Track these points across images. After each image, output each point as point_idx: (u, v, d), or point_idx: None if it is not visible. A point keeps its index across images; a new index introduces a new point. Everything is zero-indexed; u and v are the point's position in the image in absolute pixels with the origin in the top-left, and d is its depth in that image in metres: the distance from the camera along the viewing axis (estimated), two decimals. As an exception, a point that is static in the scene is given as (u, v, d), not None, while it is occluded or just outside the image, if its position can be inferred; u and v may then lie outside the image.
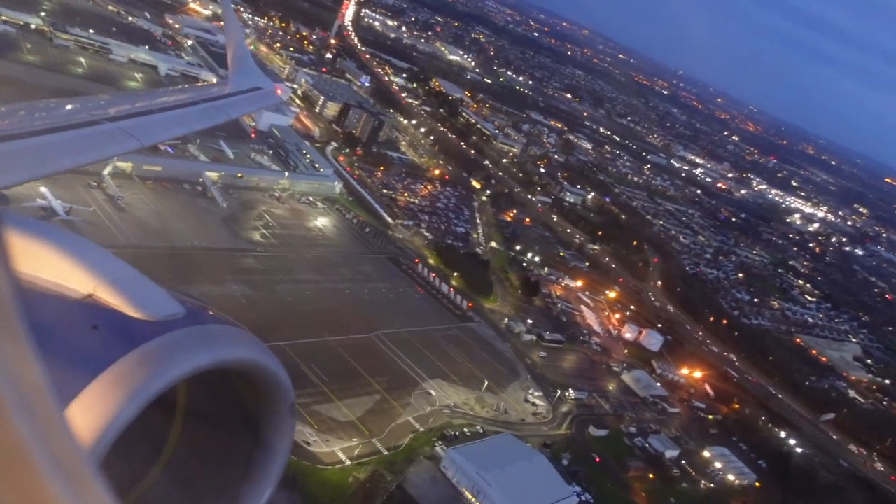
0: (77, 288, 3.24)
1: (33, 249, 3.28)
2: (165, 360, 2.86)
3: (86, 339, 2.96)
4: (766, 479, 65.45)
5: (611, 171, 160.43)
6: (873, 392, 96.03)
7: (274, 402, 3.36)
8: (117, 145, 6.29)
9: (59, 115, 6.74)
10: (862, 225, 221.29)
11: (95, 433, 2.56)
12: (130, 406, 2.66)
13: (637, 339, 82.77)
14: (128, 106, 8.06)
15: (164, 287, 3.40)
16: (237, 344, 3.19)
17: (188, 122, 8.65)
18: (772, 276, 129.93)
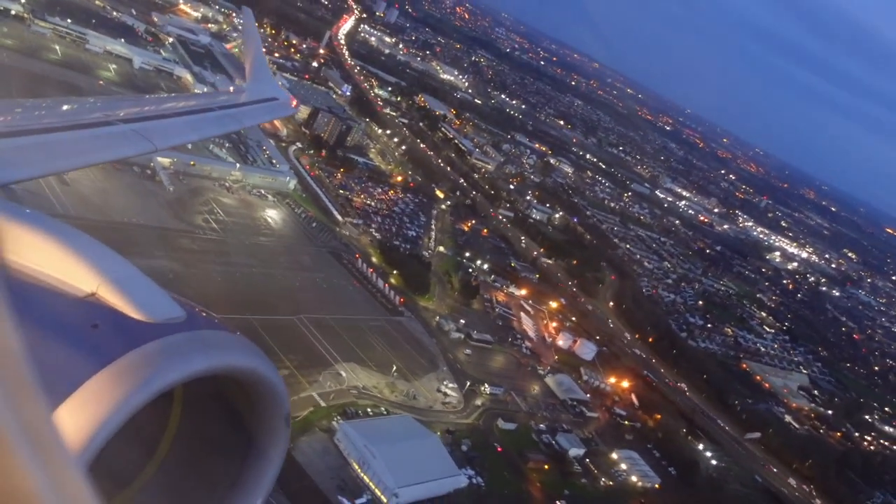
0: (80, 286, 3.29)
1: (40, 244, 3.34)
2: (163, 363, 2.91)
3: (85, 338, 3.00)
4: (671, 484, 68.09)
5: (587, 194, 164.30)
6: (811, 420, 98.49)
7: (269, 411, 3.41)
8: (130, 147, 6.31)
9: (75, 113, 6.83)
10: (847, 269, 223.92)
11: (88, 431, 2.61)
12: (125, 407, 2.71)
13: (571, 348, 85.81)
14: (143, 109, 8.30)
15: (166, 290, 3.51)
16: (236, 351, 3.25)
17: (202, 129, 8.87)
18: (734, 305, 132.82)
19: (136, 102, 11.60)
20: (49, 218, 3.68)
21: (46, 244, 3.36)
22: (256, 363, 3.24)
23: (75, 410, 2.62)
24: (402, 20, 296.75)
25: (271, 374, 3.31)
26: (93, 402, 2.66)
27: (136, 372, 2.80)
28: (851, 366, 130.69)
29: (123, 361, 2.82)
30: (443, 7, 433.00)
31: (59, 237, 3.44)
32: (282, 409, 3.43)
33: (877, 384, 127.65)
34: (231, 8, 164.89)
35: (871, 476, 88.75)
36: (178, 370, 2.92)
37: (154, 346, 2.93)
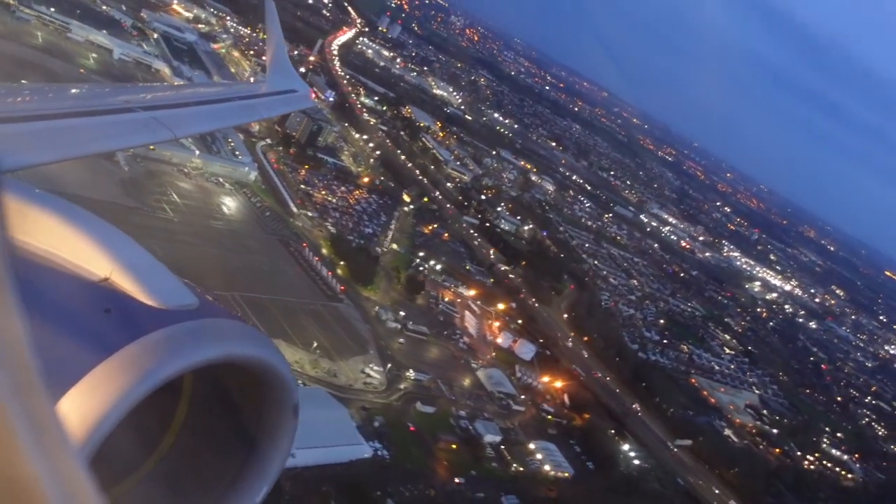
0: (95, 270, 3.32)
1: (55, 227, 3.39)
2: (174, 350, 2.95)
3: (98, 323, 3.04)
4: (585, 477, 70.88)
5: (565, 212, 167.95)
6: (753, 436, 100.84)
7: (278, 402, 3.46)
8: (149, 134, 6.45)
9: (95, 100, 6.94)
10: (832, 304, 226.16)
11: (94, 419, 2.65)
12: (133, 394, 2.75)
13: (511, 347, 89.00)
14: (163, 97, 8.47)
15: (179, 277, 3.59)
16: (247, 340, 3.29)
17: (222, 118, 8.98)
18: (697, 326, 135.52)
19: (157, 91, 12.24)
20: (64, 201, 3.72)
21: (62, 227, 3.43)
22: (267, 353, 3.33)
23: (82, 397, 2.69)
24: (405, 37, 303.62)
25: (281, 364, 3.40)
26: (100, 389, 2.73)
27: (145, 358, 2.87)
28: (811, 392, 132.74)
29: (135, 347, 2.90)
30: (452, 28, 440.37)
31: (75, 221, 3.50)
32: (290, 400, 3.51)
33: (834, 411, 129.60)
34: (225, 11, 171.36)
35: (803, 491, 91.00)
36: (189, 357, 3.00)
37: (165, 333, 3.02)
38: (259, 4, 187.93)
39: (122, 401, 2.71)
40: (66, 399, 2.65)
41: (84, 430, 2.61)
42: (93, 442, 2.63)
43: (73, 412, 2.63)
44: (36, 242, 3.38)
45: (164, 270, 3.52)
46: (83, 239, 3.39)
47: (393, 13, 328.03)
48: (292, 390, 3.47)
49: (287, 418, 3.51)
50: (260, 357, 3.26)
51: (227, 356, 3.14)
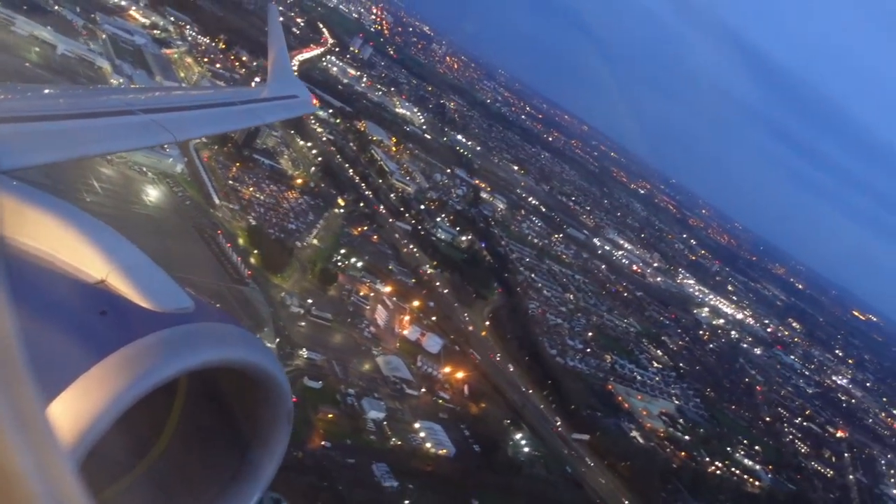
0: (91, 272, 3.38)
1: (52, 227, 3.46)
2: (169, 353, 2.99)
3: (93, 324, 3.09)
4: (468, 458, 74.87)
5: (512, 229, 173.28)
6: (661, 439, 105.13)
7: (272, 407, 3.52)
8: (150, 137, 6.58)
9: (95, 101, 6.98)
10: (785, 336, 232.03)
11: (87, 421, 2.67)
12: (128, 395, 2.79)
13: (419, 340, 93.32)
14: (165, 100, 8.64)
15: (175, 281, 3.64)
16: (243, 345, 3.34)
17: (223, 122, 9.19)
18: (628, 341, 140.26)
19: (159, 94, 12.51)
20: (62, 202, 3.79)
21: (59, 228, 3.48)
22: (263, 358, 3.37)
23: (76, 399, 2.72)
24: (377, 59, 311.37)
25: (276, 370, 3.45)
26: (94, 391, 2.75)
27: (141, 361, 2.91)
28: (737, 409, 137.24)
29: (130, 349, 2.93)
30: (432, 55, 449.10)
31: (72, 221, 3.55)
32: (285, 406, 3.55)
33: (758, 428, 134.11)
34: (185, 20, 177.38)
35: (701, 491, 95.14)
36: (184, 361, 3.04)
37: (162, 336, 3.06)
38: (223, 17, 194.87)
39: (116, 404, 2.76)
40: (59, 400, 2.69)
41: (76, 431, 2.65)
42: (85, 444, 2.67)
43: (66, 414, 2.66)
44: (33, 243, 3.46)
45: (160, 273, 3.62)
46: (80, 240, 3.47)
47: (369, 36, 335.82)
48: (286, 396, 3.54)
49: (281, 424, 3.58)
50: (255, 362, 3.33)
51: (222, 360, 3.20)
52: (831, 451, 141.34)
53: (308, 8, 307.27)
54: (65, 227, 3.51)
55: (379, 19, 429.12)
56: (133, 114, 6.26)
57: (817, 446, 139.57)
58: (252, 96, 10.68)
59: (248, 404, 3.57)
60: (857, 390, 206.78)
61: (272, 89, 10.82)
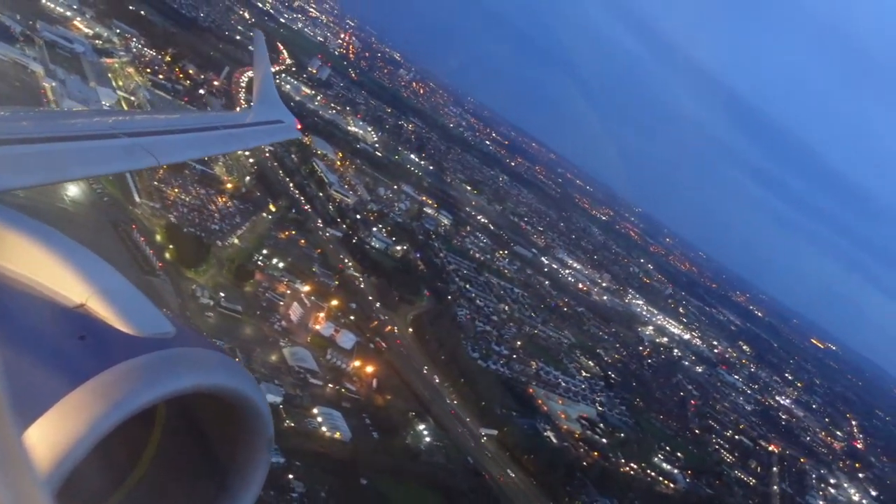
0: (71, 296, 3.41)
1: (31, 250, 3.50)
2: (148, 379, 3.01)
3: (72, 349, 3.10)
4: (364, 442, 78.13)
5: (453, 242, 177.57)
6: (576, 440, 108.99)
7: (252, 434, 3.54)
8: (133, 161, 6.63)
9: (78, 124, 7.05)
10: (733, 357, 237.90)
11: (64, 447, 2.67)
12: (105, 422, 2.79)
13: (332, 336, 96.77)
14: (149, 123, 8.86)
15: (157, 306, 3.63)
16: (223, 371, 3.35)
17: (206, 146, 9.43)
18: (560, 351, 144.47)
19: (143, 117, 12.74)
20: (42, 225, 3.84)
21: (38, 251, 3.50)
22: (243, 385, 3.39)
23: (52, 425, 2.72)
24: (336, 79, 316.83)
25: (257, 396, 3.47)
26: (72, 417, 2.76)
27: (119, 386, 2.91)
28: (665, 419, 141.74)
29: (107, 376, 2.93)
30: (398, 80, 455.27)
31: (51, 245, 3.58)
32: (265, 433, 3.57)
33: (684, 437, 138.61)
34: (132, 33, 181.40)
35: (611, 488, 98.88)
36: (163, 387, 3.04)
37: (141, 361, 3.07)
38: (175, 33, 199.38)
39: (93, 430, 2.77)
40: (35, 426, 2.69)
41: (52, 458, 2.64)
42: (61, 471, 2.66)
43: (42, 440, 2.67)
44: (11, 266, 3.53)
45: (141, 297, 3.70)
46: (59, 263, 3.53)
47: (331, 59, 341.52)
48: (267, 424, 3.59)
49: (261, 451, 3.63)
50: (235, 388, 3.37)
51: (202, 386, 3.23)
52: (758, 463, 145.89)
53: (271, 30, 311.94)
54: (44, 250, 3.55)
55: (345, 44, 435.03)
56: (117, 137, 6.41)
57: (745, 457, 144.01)
58: (236, 121, 11.11)
59: (227, 431, 3.59)
60: (799, 410, 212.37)
61: (257, 114, 11.23)
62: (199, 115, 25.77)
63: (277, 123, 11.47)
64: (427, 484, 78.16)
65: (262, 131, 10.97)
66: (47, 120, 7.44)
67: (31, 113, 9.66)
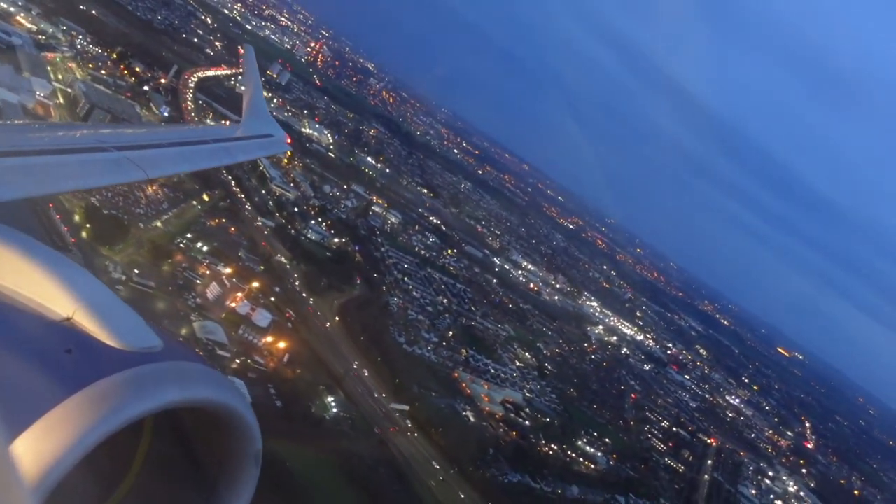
0: (57, 309, 3.52)
1: (18, 264, 3.60)
2: (135, 393, 3.07)
3: (58, 363, 3.18)
4: (265, 409, 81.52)
5: (398, 240, 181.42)
6: (497, 420, 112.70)
7: (239, 448, 3.67)
8: (121, 174, 6.73)
9: (67, 138, 7.32)
10: (687, 359, 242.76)
11: (50, 460, 2.71)
12: (91, 436, 2.84)
13: (248, 315, 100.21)
14: (138, 137, 9.06)
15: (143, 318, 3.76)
16: (211, 384, 3.46)
17: (195, 160, 9.72)
18: (497, 342, 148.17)
19: (132, 131, 12.98)
20: (28, 238, 3.99)
21: (24, 265, 3.62)
22: (230, 398, 3.52)
23: (39, 437, 2.77)
24: (298, 84, 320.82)
25: (245, 410, 3.61)
26: (58, 430, 2.80)
27: (106, 400, 2.97)
28: (599, 408, 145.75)
29: (94, 389, 3.00)
30: (368, 89, 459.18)
31: (38, 258, 3.70)
32: (253, 447, 3.70)
33: (616, 426, 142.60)
34: (79, 31, 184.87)
35: (525, 464, 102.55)
36: (150, 401, 3.12)
37: (127, 375, 3.14)
38: (127, 34, 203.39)
39: (80, 443, 2.83)
40: (21, 439, 2.73)
41: (39, 471, 2.69)
42: (47, 483, 2.70)
43: (28, 452, 2.71)
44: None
45: (128, 311, 3.84)
46: (46, 277, 3.63)
47: (295, 65, 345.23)
48: (255, 438, 3.75)
49: (248, 466, 3.75)
50: (222, 402, 3.50)
51: (189, 400, 3.33)
52: (692, 453, 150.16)
53: (235, 36, 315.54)
54: (31, 263, 3.68)
55: (314, 52, 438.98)
56: (106, 150, 6.45)
57: (678, 448, 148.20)
58: (226, 135, 11.44)
59: (215, 443, 3.72)
60: (749, 410, 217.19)
61: (246, 128, 11.51)
62: (188, 129, 26.76)
63: (267, 137, 11.98)
64: (327, 450, 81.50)
65: (252, 145, 11.32)
66: (37, 133, 7.59)
67: (21, 126, 9.92)
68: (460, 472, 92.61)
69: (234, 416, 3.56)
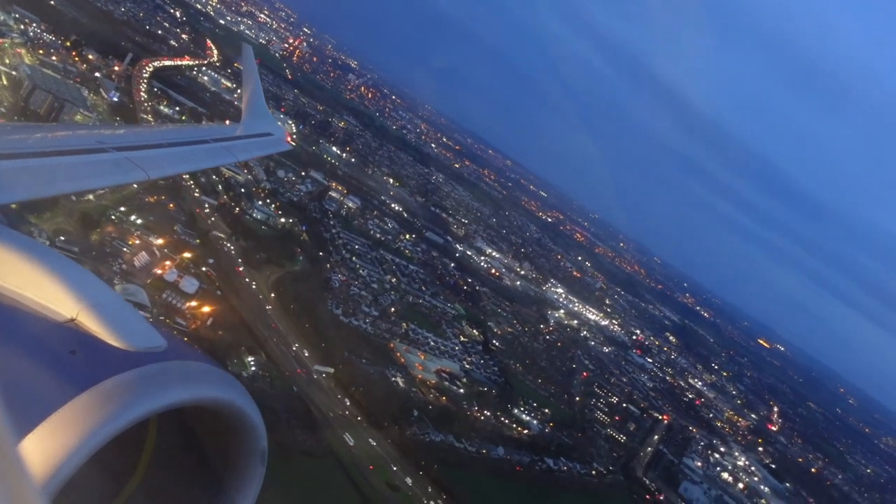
0: (60, 310, 3.62)
1: (21, 266, 3.69)
2: (140, 393, 3.16)
3: (63, 364, 3.26)
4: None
5: (354, 223, 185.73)
6: (428, 387, 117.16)
7: (245, 447, 3.79)
8: (121, 175, 6.94)
9: (67, 139, 7.30)
10: (653, 344, 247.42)
11: (57, 460, 2.80)
12: (97, 436, 2.93)
13: (175, 282, 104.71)
14: (138, 137, 9.26)
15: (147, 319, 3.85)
16: (216, 383, 3.57)
17: (196, 160, 10.00)
18: (443, 319, 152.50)
19: (132, 132, 13.19)
20: (31, 240, 4.12)
21: (28, 267, 3.71)
22: (236, 397, 3.62)
23: (45, 438, 2.85)
24: (268, 77, 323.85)
25: (250, 409, 3.71)
26: (64, 431, 2.88)
27: (111, 400, 3.05)
28: (544, 383, 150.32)
29: (100, 389, 3.09)
30: (346, 84, 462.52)
31: (41, 260, 3.80)
32: (258, 446, 3.80)
33: (560, 399, 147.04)
34: (34, 19, 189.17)
35: (450, 425, 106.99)
36: (156, 400, 3.22)
37: (132, 375, 3.25)
38: (85, 24, 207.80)
39: (86, 443, 2.91)
40: (27, 440, 2.83)
41: (46, 471, 2.78)
42: (54, 484, 2.80)
43: (34, 453, 2.80)
44: (1, 282, 3.73)
45: (132, 311, 3.97)
46: (49, 279, 3.73)
47: (271, 60, 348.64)
48: (260, 436, 3.85)
49: (254, 464, 3.88)
50: (228, 401, 3.60)
51: (194, 399, 3.44)
52: (639, 427, 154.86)
53: (206, 30, 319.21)
54: (34, 265, 3.78)
55: (292, 48, 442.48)
56: (106, 151, 6.68)
57: (624, 421, 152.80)
58: (226, 134, 11.57)
59: (221, 443, 3.83)
60: (712, 393, 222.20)
61: (246, 127, 11.82)
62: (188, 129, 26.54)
63: (267, 136, 12.36)
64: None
65: (252, 144, 11.63)
66: (37, 135, 7.66)
67: (20, 127, 10.35)
68: (378, 428, 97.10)
69: (239, 414, 3.69)
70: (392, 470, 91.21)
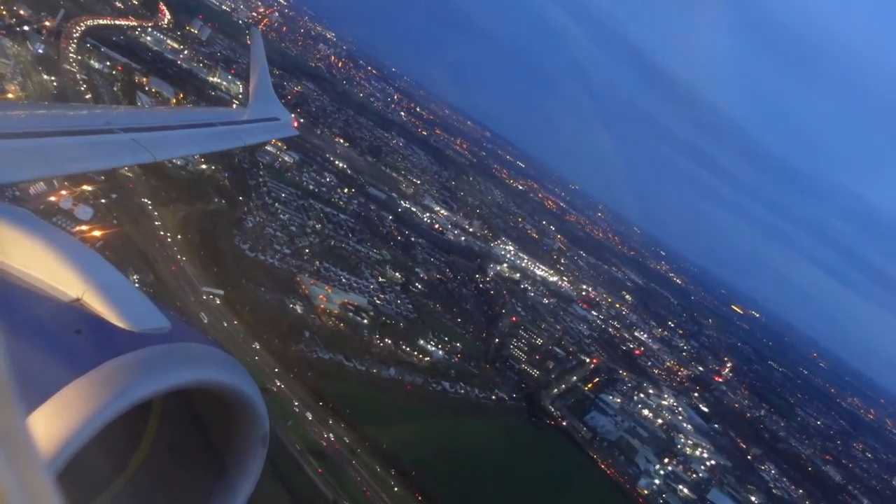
0: (66, 290, 3.83)
1: (28, 245, 3.92)
2: (144, 373, 3.35)
3: (68, 343, 3.47)
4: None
5: (287, 176, 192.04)
6: (329, 316, 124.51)
7: (247, 429, 3.98)
8: (128, 156, 7.50)
9: (75, 119, 7.70)
10: (605, 302, 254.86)
11: (62, 438, 2.94)
12: (101, 415, 3.09)
13: (70, 209, 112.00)
14: (145, 119, 9.83)
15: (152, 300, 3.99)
16: (219, 366, 3.78)
17: (203, 143, 10.53)
18: (364, 263, 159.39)
19: (139, 113, 14.54)
20: (38, 219, 4.36)
21: (34, 246, 3.94)
22: (239, 379, 3.83)
23: (51, 415, 3.00)
24: (223, 41, 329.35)
25: (253, 391, 3.90)
26: (69, 409, 3.03)
27: (115, 380, 3.23)
28: (462, 322, 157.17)
29: (104, 369, 3.26)
30: (315, 53, 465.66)
31: (48, 240, 4.02)
32: (260, 429, 3.99)
33: (477, 337, 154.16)
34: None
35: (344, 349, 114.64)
36: (159, 381, 3.42)
37: (136, 356, 3.44)
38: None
39: (89, 423, 3.06)
40: (34, 416, 2.97)
41: (50, 450, 2.93)
42: (59, 461, 2.94)
43: (40, 429, 2.93)
44: (8, 261, 3.94)
45: (136, 292, 4.22)
46: (56, 258, 3.95)
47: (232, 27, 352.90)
48: (262, 419, 4.05)
49: (256, 445, 4.08)
50: (230, 383, 3.79)
51: (197, 381, 3.63)
52: (559, 366, 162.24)
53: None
54: (40, 245, 3.99)
55: (259, 17, 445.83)
56: (113, 132, 7.13)
57: (544, 360, 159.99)
58: (233, 118, 12.27)
59: (223, 425, 4.04)
60: (656, 345, 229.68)
61: (253, 111, 12.51)
62: (195, 112, 27.77)
63: (273, 121, 12.96)
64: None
65: (258, 128, 12.23)
66: (44, 114, 8.08)
67: (28, 107, 10.72)
68: (261, 342, 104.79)
69: (242, 397, 3.91)
70: (266, 374, 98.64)
